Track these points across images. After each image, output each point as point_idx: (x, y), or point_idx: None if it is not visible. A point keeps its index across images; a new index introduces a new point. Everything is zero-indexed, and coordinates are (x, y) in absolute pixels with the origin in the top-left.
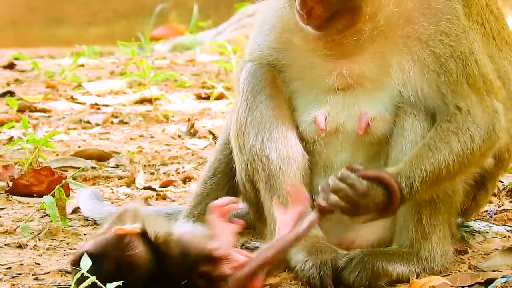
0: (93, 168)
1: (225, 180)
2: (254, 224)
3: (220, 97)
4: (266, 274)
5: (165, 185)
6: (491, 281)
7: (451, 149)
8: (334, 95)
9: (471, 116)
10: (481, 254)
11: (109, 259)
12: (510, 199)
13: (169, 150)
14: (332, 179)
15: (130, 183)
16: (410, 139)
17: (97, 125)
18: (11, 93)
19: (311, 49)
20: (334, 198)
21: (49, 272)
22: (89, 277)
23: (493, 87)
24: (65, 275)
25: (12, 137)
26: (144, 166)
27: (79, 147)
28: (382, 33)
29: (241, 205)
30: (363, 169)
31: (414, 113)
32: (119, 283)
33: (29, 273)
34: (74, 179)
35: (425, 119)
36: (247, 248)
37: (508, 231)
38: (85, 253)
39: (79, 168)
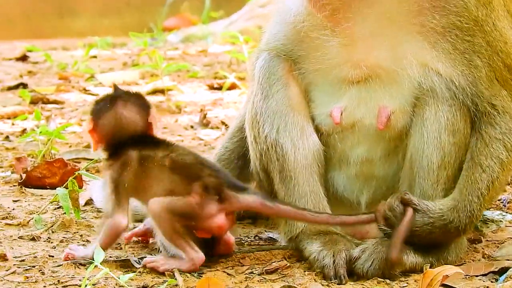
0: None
1: (228, 167)
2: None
3: (232, 87)
4: None
5: None
6: (505, 270)
7: (501, 161)
8: (351, 88)
9: (508, 114)
10: (494, 243)
11: None
12: None
13: (182, 141)
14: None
15: None
16: (433, 130)
17: None
18: (24, 85)
19: (324, 39)
20: None
21: (63, 264)
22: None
23: None
24: (78, 267)
25: (25, 129)
26: None
27: None
28: (394, 19)
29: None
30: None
31: (436, 104)
32: (133, 275)
33: (42, 266)
34: (87, 170)
35: (448, 109)
36: (260, 239)
37: None
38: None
39: (92, 159)
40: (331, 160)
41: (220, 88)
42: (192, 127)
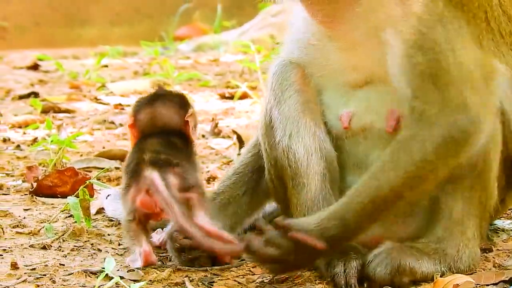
0: (117, 168)
1: (242, 180)
2: None
3: (244, 96)
4: None
5: None
6: None
7: (398, 167)
8: (358, 92)
9: (426, 117)
10: (505, 252)
11: None
12: None
13: None
14: (257, 239)
15: None
16: None
17: (121, 125)
18: (35, 94)
19: (323, 44)
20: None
21: (74, 273)
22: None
23: (470, 82)
24: (89, 276)
25: (36, 138)
26: None
27: (103, 147)
28: (367, 19)
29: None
30: (287, 224)
31: None
32: (143, 283)
33: (53, 274)
34: (98, 179)
35: None
36: None
37: None
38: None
39: (103, 168)
40: (346, 165)
41: (231, 97)
42: (203, 136)
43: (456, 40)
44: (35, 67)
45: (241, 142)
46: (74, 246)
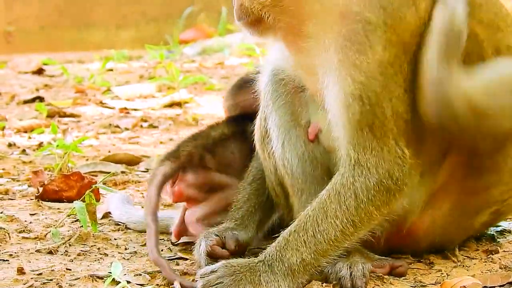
0: (123, 172)
1: (264, 186)
2: None
3: None
4: None
5: None
6: None
7: (329, 218)
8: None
9: (360, 166)
10: (511, 253)
11: None
12: None
13: None
14: None
15: None
16: None
17: (127, 129)
18: (41, 99)
19: (286, 58)
20: None
21: (80, 277)
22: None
23: (406, 133)
24: (96, 281)
25: (42, 143)
26: None
27: (109, 151)
28: (310, 56)
29: None
30: None
31: None
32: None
33: (60, 279)
34: (104, 183)
35: None
36: None
37: None
38: None
39: (109, 172)
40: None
41: None
42: None
43: (394, 88)
44: (40, 71)
45: None
46: (81, 250)
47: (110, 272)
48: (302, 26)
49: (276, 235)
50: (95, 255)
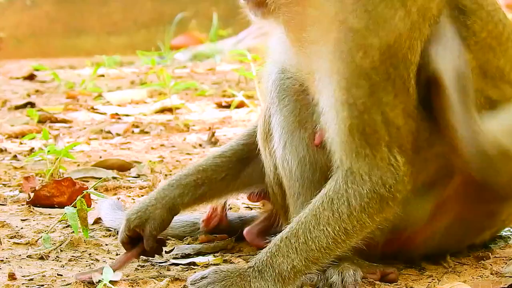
0: (114, 178)
1: (225, 166)
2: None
3: (240, 105)
4: None
5: None
6: None
7: (322, 226)
8: None
9: (353, 173)
10: (503, 259)
11: None
12: None
13: (190, 159)
14: None
15: None
16: None
17: (118, 135)
18: (32, 104)
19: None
20: None
21: (71, 283)
22: None
23: (398, 140)
24: (87, 286)
25: (33, 148)
26: (166, 175)
27: (100, 157)
28: (308, 59)
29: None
30: None
31: None
32: None
33: (51, 285)
34: (95, 189)
35: None
36: None
37: None
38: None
39: (100, 178)
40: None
41: (228, 106)
42: (200, 145)
43: (383, 94)
44: (31, 77)
45: None
46: (72, 256)
47: (102, 278)
48: (302, 28)
49: (268, 240)
50: (86, 261)
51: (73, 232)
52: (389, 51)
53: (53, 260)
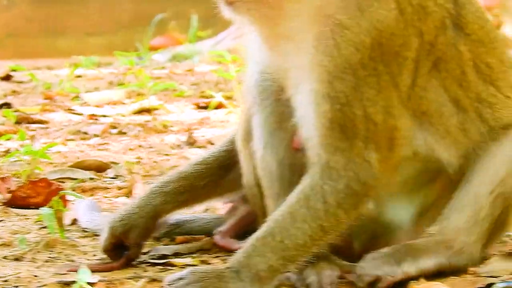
0: (91, 179)
1: (207, 172)
2: None
3: (219, 106)
4: None
5: None
6: (490, 286)
7: (298, 223)
8: None
9: (329, 169)
10: None
11: None
12: None
13: (168, 160)
14: None
15: (129, 193)
16: None
17: (96, 135)
18: (8, 105)
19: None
20: None
21: (47, 284)
22: None
23: (375, 136)
24: (63, 287)
25: (9, 149)
26: (143, 176)
27: (77, 158)
28: (286, 55)
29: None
30: None
31: None
32: None
33: (27, 286)
34: (72, 190)
35: None
36: None
37: (507, 236)
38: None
39: (77, 179)
40: None
41: (206, 107)
42: (178, 146)
43: (366, 89)
44: (7, 77)
45: None
46: (48, 257)
47: (78, 279)
48: (276, 24)
49: (244, 240)
50: (63, 262)
51: (49, 233)
52: (381, 49)
53: (29, 261)
